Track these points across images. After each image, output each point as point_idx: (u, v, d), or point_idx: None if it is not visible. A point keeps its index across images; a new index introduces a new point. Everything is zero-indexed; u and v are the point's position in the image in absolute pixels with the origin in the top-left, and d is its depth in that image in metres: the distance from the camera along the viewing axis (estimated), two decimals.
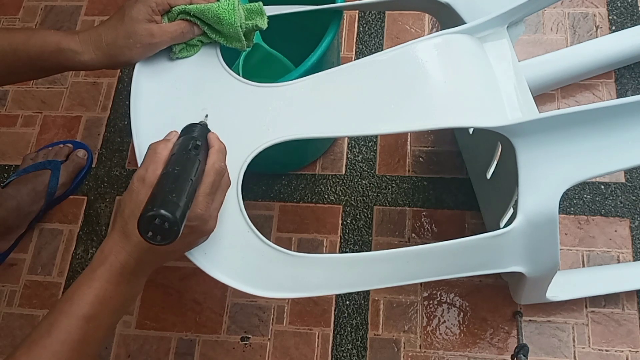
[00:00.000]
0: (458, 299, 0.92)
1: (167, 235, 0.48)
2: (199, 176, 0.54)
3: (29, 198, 1.00)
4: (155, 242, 0.48)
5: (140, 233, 0.48)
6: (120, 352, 0.94)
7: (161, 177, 0.53)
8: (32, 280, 1.01)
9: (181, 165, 0.53)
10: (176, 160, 0.54)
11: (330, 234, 0.98)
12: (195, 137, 0.57)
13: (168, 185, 0.50)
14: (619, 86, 1.03)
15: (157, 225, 0.47)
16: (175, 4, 0.65)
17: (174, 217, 0.47)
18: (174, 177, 0.51)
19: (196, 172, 0.54)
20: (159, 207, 0.47)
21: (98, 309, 0.54)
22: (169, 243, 0.49)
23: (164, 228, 0.48)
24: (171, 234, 0.48)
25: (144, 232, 0.48)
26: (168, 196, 0.49)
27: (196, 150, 0.56)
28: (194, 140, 0.57)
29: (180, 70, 0.69)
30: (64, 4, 1.25)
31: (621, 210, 0.95)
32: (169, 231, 0.48)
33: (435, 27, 1.14)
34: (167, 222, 0.47)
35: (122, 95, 1.15)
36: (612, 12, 1.10)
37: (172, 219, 0.47)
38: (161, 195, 0.49)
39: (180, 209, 0.49)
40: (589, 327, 0.88)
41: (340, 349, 0.91)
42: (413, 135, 1.05)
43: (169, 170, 0.53)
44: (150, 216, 0.47)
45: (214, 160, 0.56)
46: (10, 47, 0.65)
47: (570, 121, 0.61)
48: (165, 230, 0.48)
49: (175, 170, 0.52)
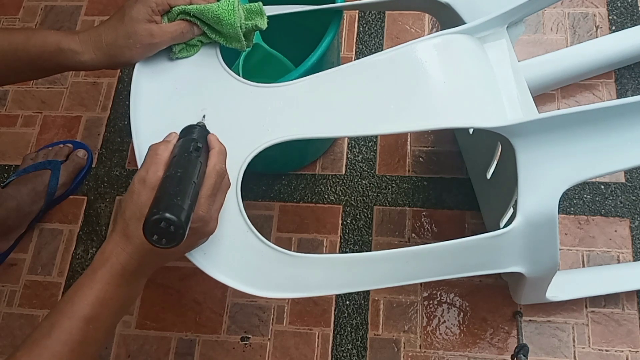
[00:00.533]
0: (458, 299, 0.92)
1: (172, 238, 0.48)
2: (200, 178, 0.54)
3: (29, 198, 1.00)
4: (161, 245, 0.49)
5: (146, 236, 0.49)
6: (120, 352, 0.94)
7: (164, 179, 0.53)
8: (32, 280, 1.01)
9: (183, 167, 0.53)
10: (178, 163, 0.54)
11: (330, 234, 0.98)
12: (196, 139, 0.58)
13: (172, 188, 0.51)
14: (619, 86, 1.03)
15: (163, 229, 0.48)
16: (175, 4, 0.65)
17: (180, 220, 0.48)
18: (177, 180, 0.52)
19: (198, 175, 0.54)
20: (164, 211, 0.48)
21: (99, 310, 0.54)
22: (175, 246, 0.49)
23: (169, 231, 0.48)
24: (176, 237, 0.48)
25: (149, 235, 0.48)
26: (173, 199, 0.49)
27: (197, 152, 0.56)
28: (194, 142, 0.57)
29: (180, 70, 0.69)
30: (64, 4, 1.25)
31: (621, 210, 0.95)
32: (175, 234, 0.48)
33: (435, 27, 1.14)
34: (173, 226, 0.48)
35: (122, 95, 1.15)
36: (612, 12, 1.10)
37: (177, 222, 0.48)
38: (165, 198, 0.50)
39: (184, 212, 0.49)
40: (589, 327, 0.88)
41: (340, 349, 0.91)
42: (413, 135, 1.05)
43: (171, 173, 0.53)
44: (155, 220, 0.48)
45: (215, 162, 0.57)
46: (10, 47, 0.65)
47: (570, 121, 0.61)
48: (170, 234, 0.48)
49: (178, 172, 0.52)
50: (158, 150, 0.56)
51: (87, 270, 0.55)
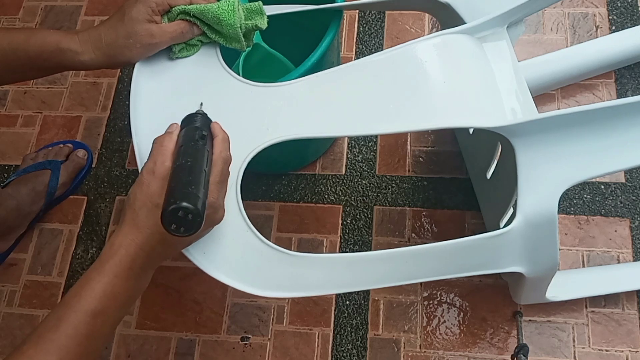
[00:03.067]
0: (458, 299, 0.92)
1: (190, 227, 0.50)
2: (209, 166, 0.56)
3: (29, 198, 1.00)
4: (179, 234, 0.50)
5: (164, 226, 0.49)
6: (120, 352, 0.94)
7: (175, 169, 0.54)
8: (32, 280, 1.01)
9: (193, 157, 0.54)
10: (186, 152, 0.55)
11: (330, 234, 0.98)
12: (200, 127, 0.58)
13: (185, 178, 0.52)
14: (619, 86, 1.03)
15: (181, 218, 0.49)
16: (175, 4, 0.65)
17: (197, 208, 0.49)
18: (189, 169, 0.53)
19: (207, 163, 0.55)
20: (181, 200, 0.49)
21: (106, 304, 0.54)
22: (192, 234, 0.50)
23: (187, 220, 0.49)
24: (194, 225, 0.50)
25: (167, 225, 0.49)
26: (187, 188, 0.50)
27: (203, 140, 0.57)
28: (199, 131, 0.58)
29: (180, 70, 0.69)
30: (64, 4, 1.25)
31: (621, 210, 0.95)
32: (192, 222, 0.49)
33: (435, 27, 1.14)
34: (191, 214, 0.49)
35: (122, 95, 1.15)
36: (612, 12, 1.10)
37: (195, 211, 0.49)
38: (180, 187, 0.51)
39: (200, 200, 0.50)
40: (589, 327, 0.88)
41: (340, 349, 0.91)
42: (413, 135, 1.05)
43: (182, 163, 0.53)
44: (173, 209, 0.49)
45: (221, 149, 0.58)
46: (10, 46, 0.65)
47: (570, 122, 0.61)
48: (188, 222, 0.49)
49: (189, 162, 0.53)
50: (164, 142, 0.57)
51: (95, 262, 0.55)
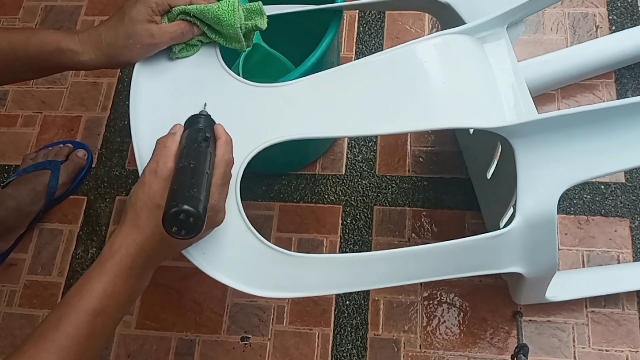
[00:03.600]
0: (458, 299, 0.92)
1: (191, 230, 0.50)
2: (211, 168, 0.56)
3: (29, 198, 1.00)
4: (180, 237, 0.50)
5: (165, 228, 0.50)
6: (120, 352, 0.94)
7: (178, 171, 0.54)
8: (32, 280, 1.01)
9: (195, 159, 0.54)
10: (189, 154, 0.55)
11: (330, 234, 0.98)
12: (203, 129, 0.58)
13: (187, 180, 0.52)
14: (619, 86, 1.03)
15: (182, 221, 0.49)
16: (175, 4, 0.65)
17: (198, 211, 0.49)
18: (192, 172, 0.53)
19: (209, 165, 0.55)
20: (182, 203, 0.49)
21: (106, 303, 0.54)
22: (193, 237, 0.50)
23: (188, 223, 0.49)
24: (196, 228, 0.50)
25: (168, 227, 0.49)
26: (190, 191, 0.50)
27: (206, 142, 0.57)
28: (202, 133, 0.58)
29: (180, 70, 0.69)
30: (64, 4, 1.25)
31: (621, 210, 0.95)
32: (194, 225, 0.49)
33: (435, 27, 1.14)
34: (192, 217, 0.49)
35: (122, 95, 1.15)
36: (612, 12, 1.10)
37: (196, 214, 0.49)
38: (182, 190, 0.51)
39: (202, 203, 0.50)
40: (589, 327, 0.88)
41: (340, 349, 0.91)
42: (413, 135, 1.05)
43: (184, 164, 0.53)
44: (174, 212, 0.49)
45: (223, 151, 0.58)
46: (10, 47, 0.65)
47: (569, 122, 0.61)
48: (189, 225, 0.49)
49: (191, 164, 0.53)
50: (167, 143, 0.57)
51: (96, 262, 0.55)
